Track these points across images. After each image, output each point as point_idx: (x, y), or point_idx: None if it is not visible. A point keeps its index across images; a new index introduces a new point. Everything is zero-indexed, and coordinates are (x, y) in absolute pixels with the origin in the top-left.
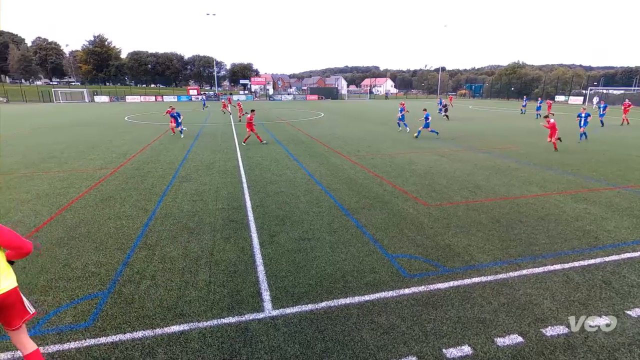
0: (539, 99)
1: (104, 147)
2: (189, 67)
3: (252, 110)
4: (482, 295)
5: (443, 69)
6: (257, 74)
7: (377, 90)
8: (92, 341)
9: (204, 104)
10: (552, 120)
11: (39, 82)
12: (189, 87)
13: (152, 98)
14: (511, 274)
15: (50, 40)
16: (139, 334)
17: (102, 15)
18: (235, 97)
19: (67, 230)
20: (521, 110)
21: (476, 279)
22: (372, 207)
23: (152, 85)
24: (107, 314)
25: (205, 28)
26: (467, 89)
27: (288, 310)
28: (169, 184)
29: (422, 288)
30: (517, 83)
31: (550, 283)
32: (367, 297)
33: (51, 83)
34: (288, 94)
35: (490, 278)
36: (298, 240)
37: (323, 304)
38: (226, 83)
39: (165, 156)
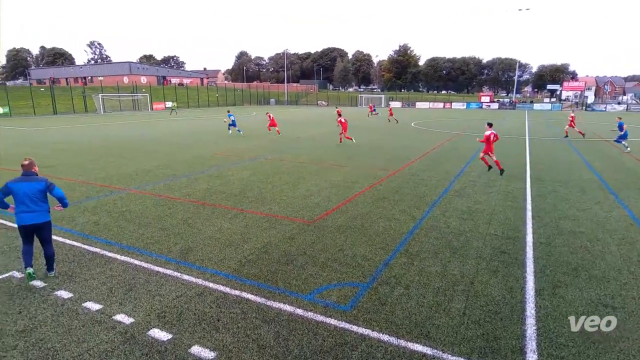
0: None
1: (386, 151)
2: (485, 71)
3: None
4: None
5: None
6: (573, 77)
7: None
8: (347, 325)
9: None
10: None
11: (350, 89)
12: (480, 94)
13: (440, 105)
14: None
15: (365, 52)
16: (385, 337)
17: (408, 25)
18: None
19: (347, 219)
20: None
21: None
22: None
23: (443, 92)
24: (362, 306)
25: (512, 26)
26: None
27: None
28: (440, 195)
29: None
30: None
31: None
32: None
33: (359, 90)
34: (618, 103)
35: None
36: (595, 304)
37: None
38: (527, 89)
39: (442, 165)
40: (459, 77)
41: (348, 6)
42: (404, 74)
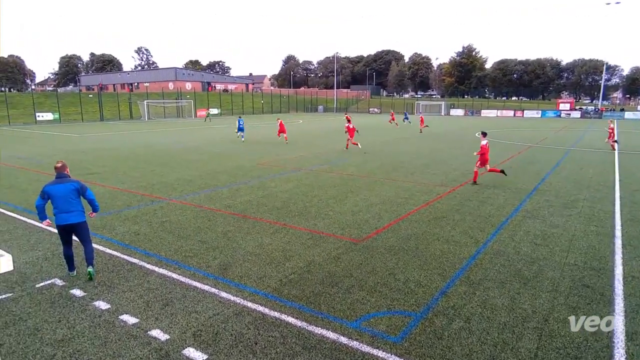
0: None
1: (446, 164)
2: (565, 74)
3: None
4: None
5: None
6: None
7: None
8: (396, 359)
9: (406, 118)
10: None
11: (406, 95)
12: (559, 100)
13: (510, 112)
14: None
15: (423, 55)
16: None
17: (473, 24)
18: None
19: (400, 240)
20: None
21: None
22: None
23: (514, 98)
24: (414, 338)
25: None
26: None
27: None
28: (509, 215)
29: None
30: None
31: None
32: None
33: (416, 96)
34: None
35: None
36: None
37: None
38: (617, 94)
39: (512, 182)
40: (532, 81)
41: (404, 5)
42: (468, 79)
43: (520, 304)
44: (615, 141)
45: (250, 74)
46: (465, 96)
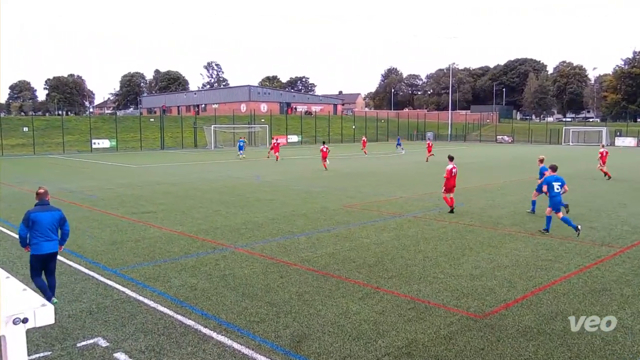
0: None
1: (611, 213)
2: None
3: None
4: None
5: None
6: None
7: None
8: None
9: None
10: None
11: (549, 119)
12: None
13: None
14: None
15: (574, 64)
16: None
17: None
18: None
19: (540, 319)
20: None
21: None
22: None
23: None
24: None
25: None
26: None
27: None
28: None
29: None
30: None
31: None
32: None
33: (564, 119)
34: None
35: None
36: None
37: None
38: None
39: None
40: None
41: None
42: None
43: None
44: None
45: (340, 92)
46: (638, 119)
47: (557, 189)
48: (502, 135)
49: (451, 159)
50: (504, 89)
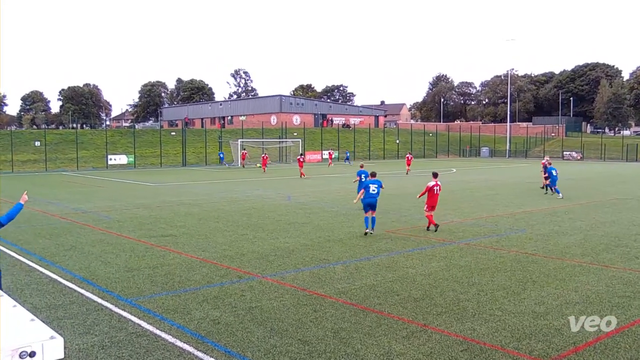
0: None
1: None
2: None
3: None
4: None
5: None
6: None
7: None
8: None
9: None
10: None
11: (626, 132)
12: None
13: None
14: None
15: None
16: None
17: None
18: None
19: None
20: None
21: None
22: None
23: None
24: None
25: None
26: None
27: None
28: None
29: None
30: None
31: None
32: None
33: None
34: None
35: None
36: None
37: None
38: None
39: None
40: None
41: None
42: None
43: None
44: None
45: (382, 102)
46: None
47: None
48: (569, 150)
49: (435, 175)
50: (571, 98)
